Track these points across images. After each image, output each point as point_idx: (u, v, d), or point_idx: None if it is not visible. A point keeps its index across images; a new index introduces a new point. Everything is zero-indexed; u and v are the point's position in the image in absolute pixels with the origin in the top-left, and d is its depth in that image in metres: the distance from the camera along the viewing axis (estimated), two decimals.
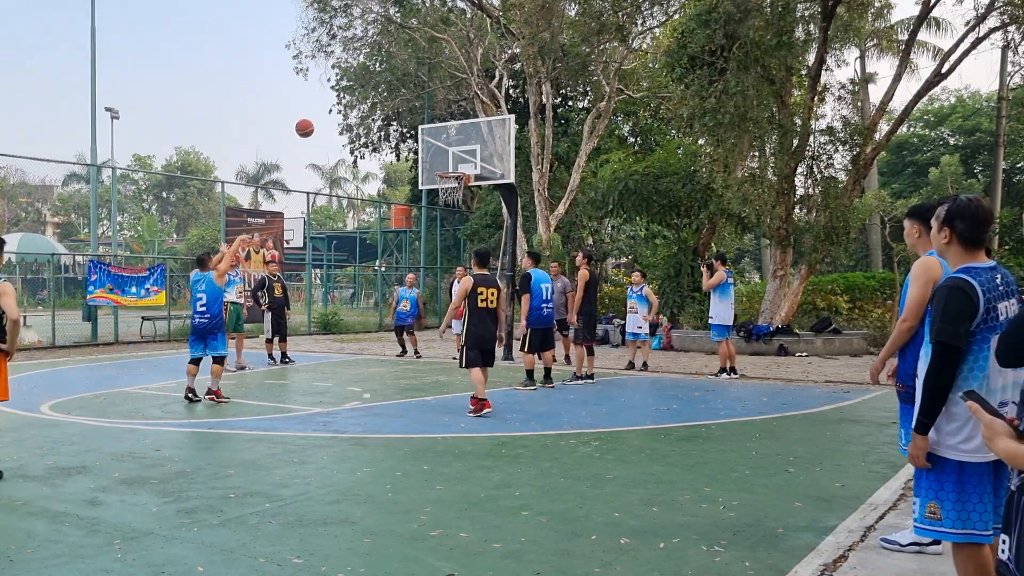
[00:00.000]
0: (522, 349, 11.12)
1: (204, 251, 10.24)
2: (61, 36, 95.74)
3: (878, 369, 4.61)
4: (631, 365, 13.69)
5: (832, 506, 5.22)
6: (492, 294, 9.00)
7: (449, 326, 10.46)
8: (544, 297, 11.04)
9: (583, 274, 11.56)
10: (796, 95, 18.29)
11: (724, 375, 12.46)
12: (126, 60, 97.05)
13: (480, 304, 8.89)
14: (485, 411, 8.75)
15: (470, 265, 9.77)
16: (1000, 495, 3.10)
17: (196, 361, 9.72)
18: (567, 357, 13.79)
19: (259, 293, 14.32)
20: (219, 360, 9.66)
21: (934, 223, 3.22)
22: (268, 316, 14.26)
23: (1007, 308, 3.02)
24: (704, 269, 12.75)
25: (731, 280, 12.61)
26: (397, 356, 15.70)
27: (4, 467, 6.20)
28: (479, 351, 8.91)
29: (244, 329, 13.84)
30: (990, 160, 30.64)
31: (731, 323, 12.55)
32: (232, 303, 12.94)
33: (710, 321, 12.54)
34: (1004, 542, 2.17)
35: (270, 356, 14.40)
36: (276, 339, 14.34)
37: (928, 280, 4.01)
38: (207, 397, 9.52)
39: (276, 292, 14.24)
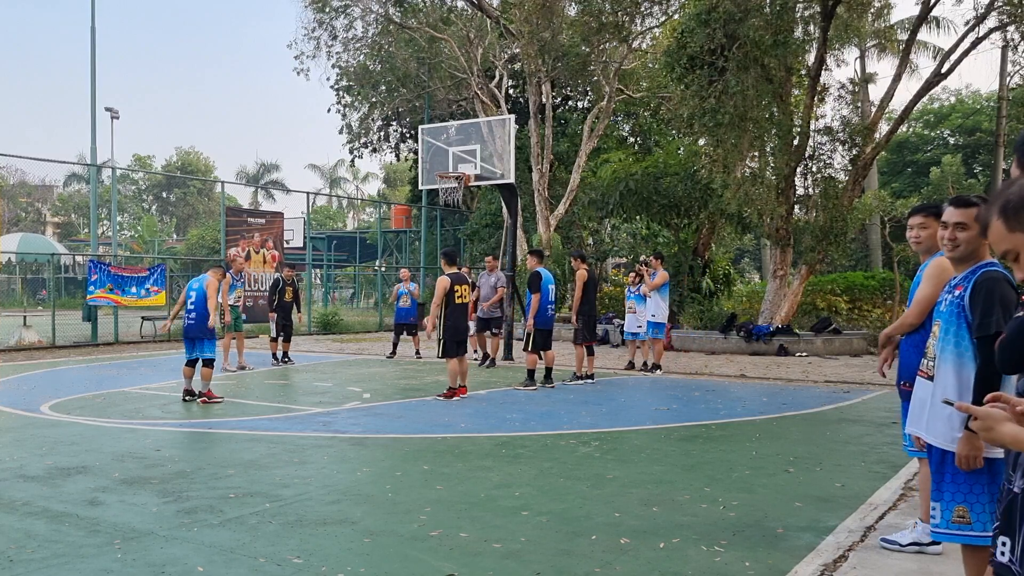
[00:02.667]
0: (525, 348, 11.15)
1: (208, 253, 10.33)
2: (61, 36, 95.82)
3: (886, 337, 4.48)
4: (631, 365, 13.76)
5: (832, 506, 5.22)
6: (465, 290, 10.09)
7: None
8: (550, 298, 11.17)
9: (581, 274, 11.59)
10: (796, 95, 18.29)
11: (658, 371, 12.88)
12: (126, 60, 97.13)
13: (457, 300, 9.92)
14: (457, 397, 9.88)
15: (440, 265, 10.31)
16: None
17: (191, 363, 9.75)
18: (489, 359, 13.95)
19: (273, 297, 14.40)
20: (208, 363, 9.68)
21: (973, 224, 3.15)
22: (273, 316, 14.37)
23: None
24: (643, 268, 13.18)
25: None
26: (387, 357, 15.45)
27: (4, 467, 6.20)
28: (455, 342, 9.91)
29: (243, 329, 13.85)
30: (990, 160, 30.64)
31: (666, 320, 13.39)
32: (231, 306, 13.04)
33: (651, 319, 12.93)
34: (1004, 544, 2.08)
35: (273, 355, 14.47)
36: (280, 339, 14.42)
37: (943, 280, 3.99)
38: (199, 400, 9.53)
39: (286, 296, 14.31)
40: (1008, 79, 23.46)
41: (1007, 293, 2.92)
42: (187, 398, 9.64)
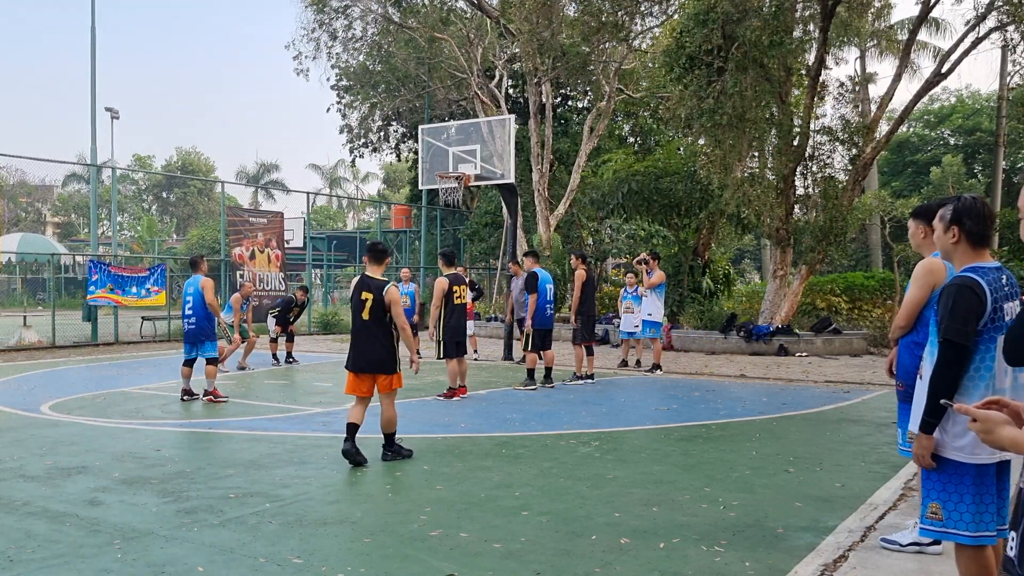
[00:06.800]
0: (525, 348, 11.16)
1: (198, 254, 10.39)
2: (61, 36, 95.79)
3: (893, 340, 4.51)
4: (624, 363, 13.84)
5: (832, 506, 5.22)
6: (463, 290, 10.16)
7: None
8: (548, 297, 11.16)
9: (580, 274, 11.60)
10: (795, 95, 18.28)
11: (658, 371, 12.89)
12: (126, 60, 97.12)
13: (456, 301, 9.94)
14: (457, 397, 9.90)
15: (439, 266, 10.47)
16: (1003, 496, 3.10)
17: (189, 363, 9.77)
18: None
19: (288, 315, 14.67)
20: (212, 361, 9.72)
21: (938, 224, 3.20)
22: (271, 321, 14.62)
23: (1012, 309, 3.01)
24: (641, 266, 13.17)
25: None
26: None
27: (4, 467, 6.20)
28: (455, 343, 9.94)
29: (248, 334, 13.90)
30: (990, 160, 30.65)
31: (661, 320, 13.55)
32: (242, 324, 13.59)
33: (648, 318, 13.06)
34: (1012, 539, 2.15)
35: (274, 356, 14.57)
36: (282, 339, 14.71)
37: (928, 283, 4.01)
38: (205, 399, 9.54)
39: (291, 313, 14.73)
40: (1008, 79, 23.43)
41: (962, 300, 2.96)
42: (186, 398, 9.65)
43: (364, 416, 6.48)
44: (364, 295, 6.44)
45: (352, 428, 6.35)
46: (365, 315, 6.42)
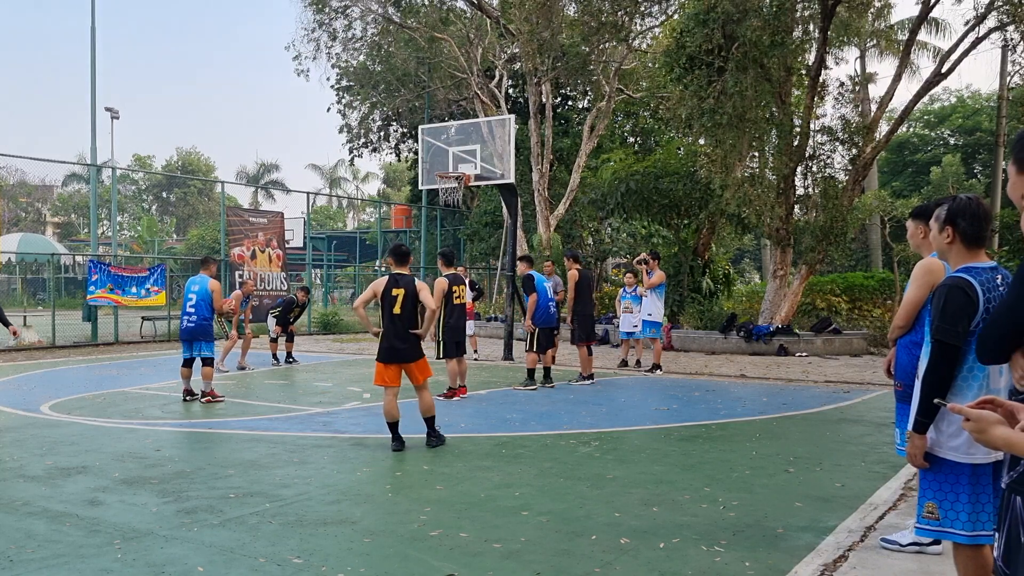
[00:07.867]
0: (528, 348, 11.15)
1: (209, 255, 10.43)
2: (61, 36, 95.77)
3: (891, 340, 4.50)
4: (624, 363, 13.84)
5: (832, 506, 5.22)
6: (462, 291, 10.22)
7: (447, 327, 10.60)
8: (549, 296, 11.20)
9: (572, 274, 11.61)
10: (796, 95, 18.27)
11: (658, 371, 12.90)
12: (126, 60, 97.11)
13: (455, 301, 9.95)
14: (457, 397, 9.91)
15: (438, 266, 10.47)
16: (1000, 495, 3.10)
17: (188, 363, 9.79)
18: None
19: (289, 316, 14.69)
20: (207, 361, 9.71)
21: (934, 224, 3.21)
22: (271, 321, 14.64)
23: None
24: (641, 266, 13.15)
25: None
26: None
27: (4, 467, 6.20)
28: (454, 342, 9.98)
29: (244, 331, 13.91)
30: (990, 160, 30.65)
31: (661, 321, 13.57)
32: (239, 320, 13.64)
33: (648, 319, 13.07)
34: (997, 540, 2.16)
35: (274, 356, 14.59)
36: (282, 339, 14.73)
37: (927, 283, 4.01)
38: (203, 400, 9.55)
39: (291, 313, 14.75)
40: (1008, 79, 23.42)
41: (953, 301, 2.97)
42: (187, 398, 9.66)
43: (397, 407, 6.89)
44: (395, 291, 6.87)
45: (394, 427, 6.87)
46: (397, 309, 6.82)
